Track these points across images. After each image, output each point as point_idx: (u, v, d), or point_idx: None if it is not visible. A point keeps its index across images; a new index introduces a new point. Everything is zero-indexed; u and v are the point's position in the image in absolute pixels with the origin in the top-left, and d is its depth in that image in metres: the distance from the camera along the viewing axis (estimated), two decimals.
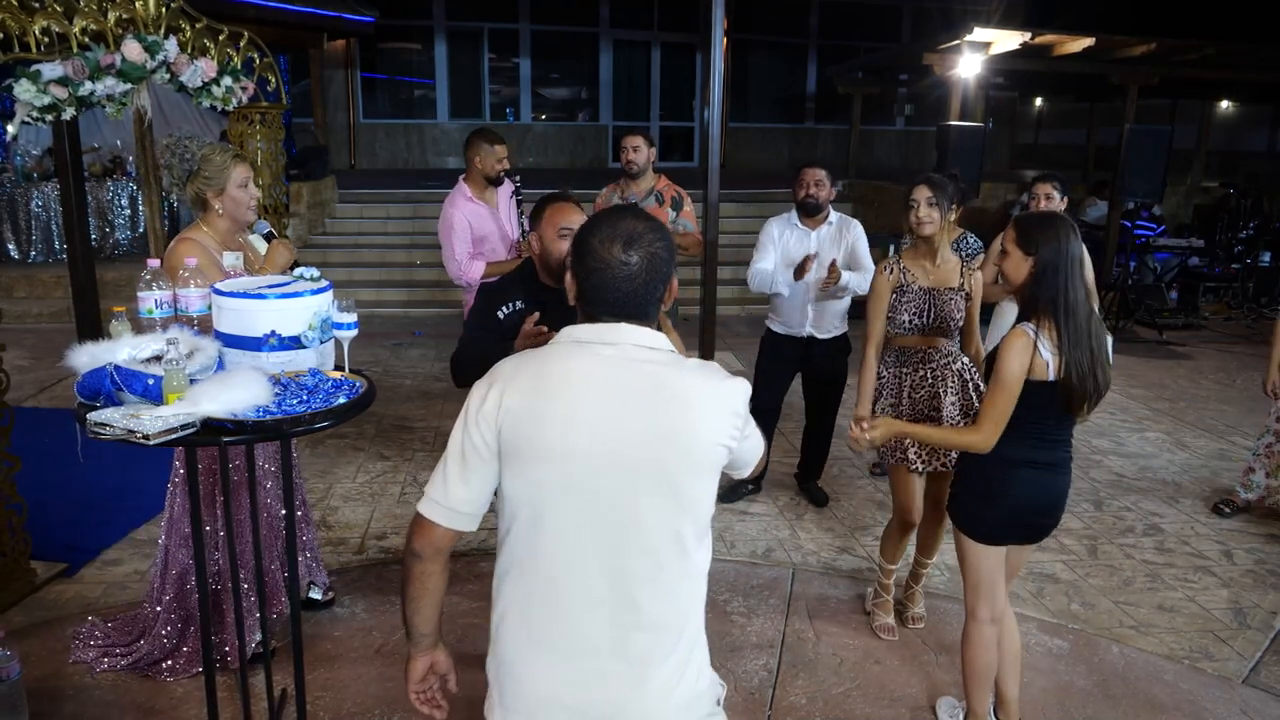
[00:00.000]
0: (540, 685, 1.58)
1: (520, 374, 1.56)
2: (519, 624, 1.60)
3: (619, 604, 1.54)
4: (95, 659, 3.11)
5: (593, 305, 1.59)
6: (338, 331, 2.51)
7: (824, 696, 3.13)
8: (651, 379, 1.54)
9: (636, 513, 1.52)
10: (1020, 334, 2.50)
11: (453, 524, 1.60)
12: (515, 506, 1.57)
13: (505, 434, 1.53)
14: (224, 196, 2.92)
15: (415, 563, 1.64)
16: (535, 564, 1.57)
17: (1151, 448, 5.77)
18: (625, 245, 1.56)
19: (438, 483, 1.60)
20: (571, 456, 1.51)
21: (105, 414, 2.09)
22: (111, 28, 3.43)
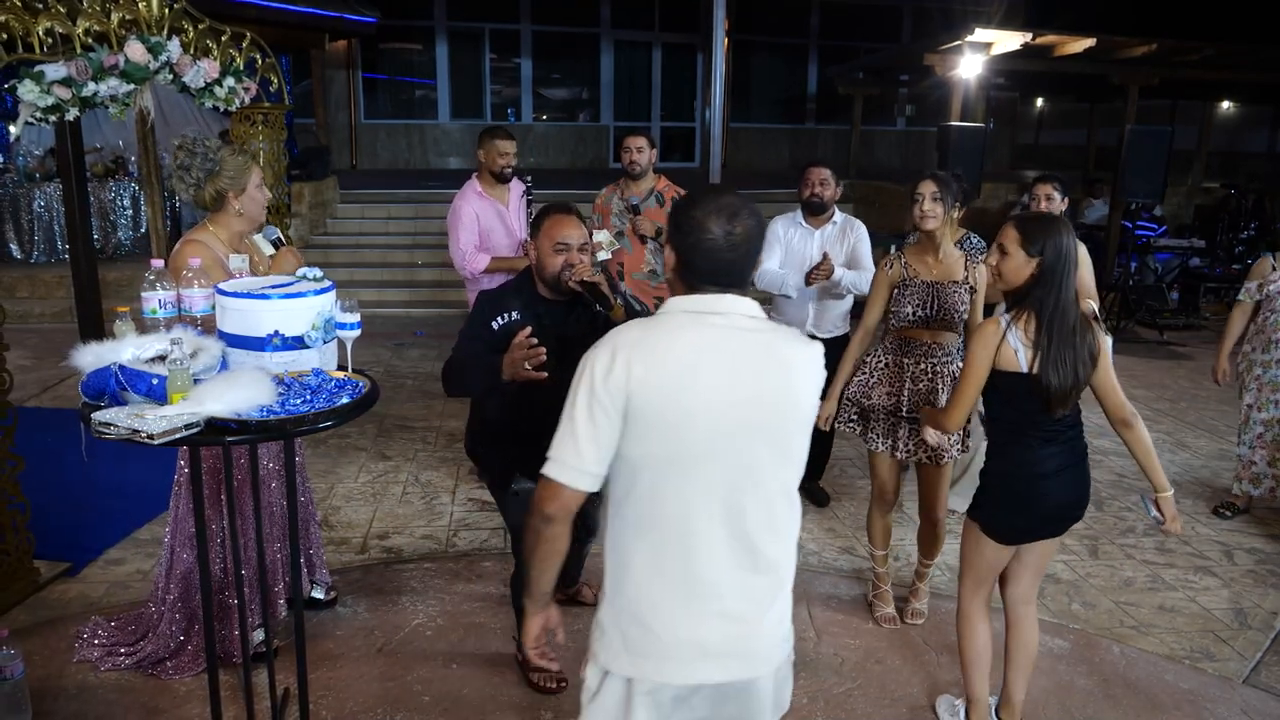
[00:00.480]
0: (673, 629, 1.70)
1: (644, 344, 1.66)
2: (649, 576, 1.71)
3: (741, 551, 1.70)
4: (100, 658, 3.12)
5: (697, 276, 1.72)
6: (341, 331, 2.52)
7: (825, 696, 3.14)
8: (759, 346, 1.69)
9: (753, 468, 1.69)
10: (991, 322, 2.57)
11: (583, 485, 1.68)
12: (637, 468, 1.68)
13: (634, 400, 1.63)
14: (244, 196, 2.95)
15: (547, 527, 1.71)
16: (663, 520, 1.68)
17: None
18: (730, 218, 1.68)
19: (569, 448, 1.67)
20: (694, 420, 1.63)
21: (110, 414, 2.09)
22: (115, 29, 3.44)
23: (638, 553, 1.72)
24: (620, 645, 1.74)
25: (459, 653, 3.32)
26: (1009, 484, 2.66)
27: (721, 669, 1.72)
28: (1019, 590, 2.82)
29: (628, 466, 1.69)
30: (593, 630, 1.81)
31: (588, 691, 1.83)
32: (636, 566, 1.72)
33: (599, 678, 1.79)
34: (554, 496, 1.69)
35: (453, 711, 3.00)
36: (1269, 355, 4.58)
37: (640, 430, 1.65)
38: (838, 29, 16.87)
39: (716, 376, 1.65)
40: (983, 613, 2.81)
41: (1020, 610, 2.83)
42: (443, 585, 3.79)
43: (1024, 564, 2.78)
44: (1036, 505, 2.64)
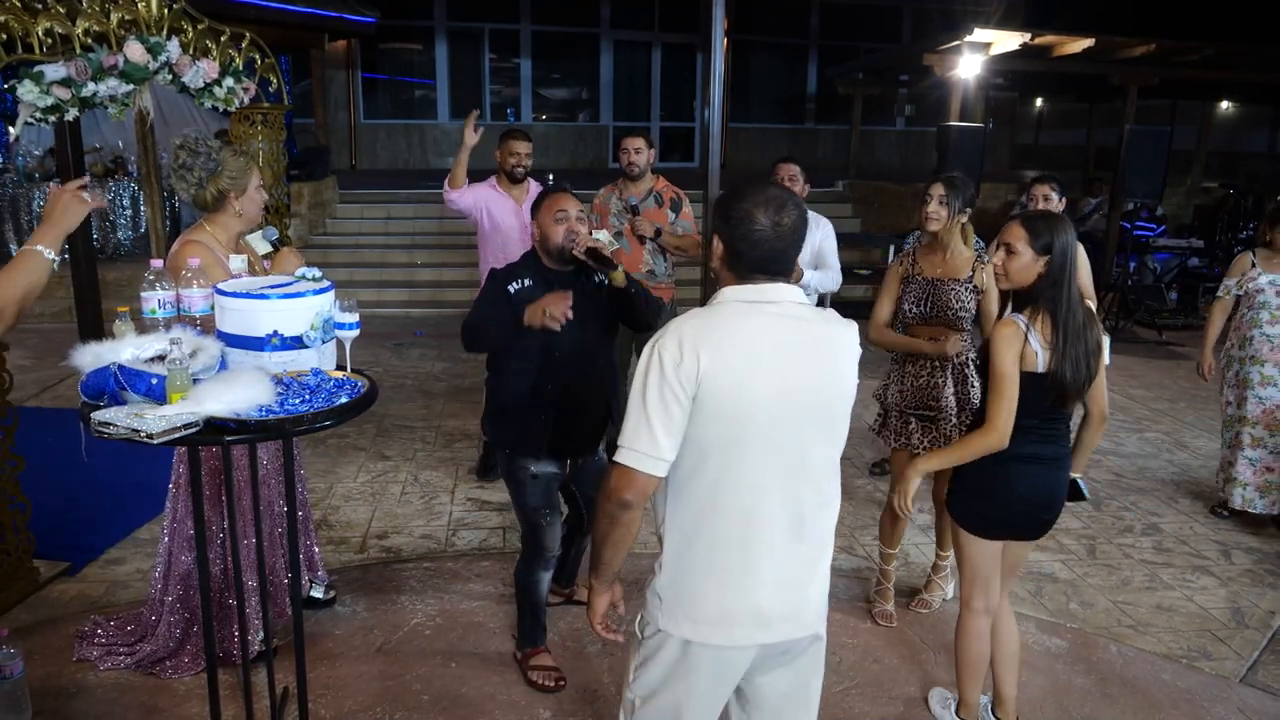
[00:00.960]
0: (733, 597, 1.84)
1: (709, 333, 1.76)
2: (711, 550, 1.83)
3: (793, 525, 1.84)
4: (99, 657, 3.12)
5: (747, 266, 1.82)
6: (340, 331, 2.52)
7: (825, 695, 3.12)
8: (809, 333, 1.82)
9: (808, 448, 1.82)
10: (1010, 324, 2.55)
11: (659, 471, 1.78)
12: (705, 451, 1.78)
13: (704, 389, 1.73)
14: (245, 197, 2.96)
15: (625, 512, 1.82)
16: (727, 499, 1.80)
17: (1151, 448, 5.78)
18: (778, 210, 1.78)
19: (644, 438, 1.76)
20: (757, 405, 1.75)
21: (109, 413, 2.10)
22: (114, 29, 3.45)
23: (702, 530, 1.83)
24: (681, 612, 1.86)
25: (458, 652, 3.33)
26: (979, 471, 2.65)
27: (774, 631, 1.87)
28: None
29: (694, 449, 1.78)
30: (649, 599, 1.92)
31: (641, 657, 1.95)
32: (700, 542, 1.84)
33: (656, 642, 1.91)
34: (631, 484, 1.78)
35: (451, 710, 3.01)
36: (1244, 352, 4.62)
37: (708, 415, 1.75)
38: (837, 29, 16.86)
39: (776, 362, 1.76)
40: (981, 624, 2.80)
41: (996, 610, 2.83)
42: (442, 585, 3.80)
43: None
44: (1002, 492, 2.63)
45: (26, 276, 2.01)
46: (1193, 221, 12.43)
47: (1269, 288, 4.50)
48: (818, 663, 1.99)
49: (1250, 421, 4.59)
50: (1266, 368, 4.54)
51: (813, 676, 2.00)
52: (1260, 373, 4.55)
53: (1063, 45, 9.58)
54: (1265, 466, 4.59)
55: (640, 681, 1.96)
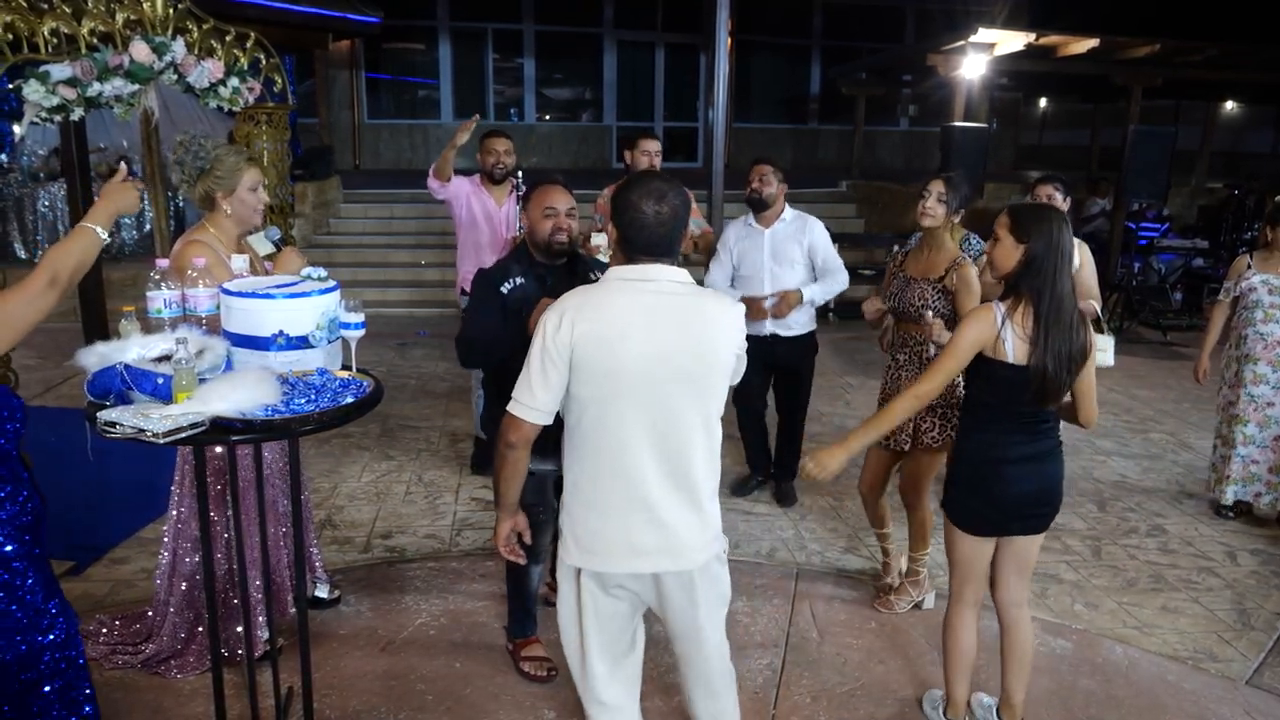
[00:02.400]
0: (610, 530, 2.14)
1: (585, 306, 2.06)
2: (591, 488, 2.15)
3: (664, 471, 2.11)
4: (105, 656, 3.12)
5: (633, 248, 2.10)
6: (345, 331, 2.53)
7: (828, 696, 3.14)
8: (683, 307, 2.08)
9: (675, 405, 2.08)
10: (985, 309, 2.56)
11: (537, 420, 2.12)
12: (583, 405, 2.09)
13: (577, 352, 2.03)
14: (233, 198, 2.92)
15: (510, 453, 2.19)
16: (604, 446, 2.10)
17: (1155, 449, 5.77)
18: (658, 199, 2.06)
19: (525, 391, 2.09)
20: (627, 367, 2.03)
21: (115, 413, 2.10)
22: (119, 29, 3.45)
23: (586, 471, 2.15)
24: (573, 543, 2.19)
25: (462, 651, 3.33)
26: (972, 467, 2.67)
27: (652, 562, 2.16)
28: (1007, 593, 2.79)
29: (576, 403, 2.10)
30: (561, 534, 2.23)
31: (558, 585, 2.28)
32: (585, 482, 2.15)
33: (562, 573, 2.25)
34: (517, 429, 2.14)
35: (456, 710, 3.01)
36: (1239, 351, 4.64)
37: (583, 375, 2.05)
38: (841, 29, 16.85)
39: (646, 332, 2.03)
40: (968, 616, 2.80)
41: (1013, 614, 2.80)
42: (446, 584, 3.80)
43: (1003, 563, 2.76)
44: (996, 490, 2.62)
45: (81, 250, 2.12)
46: (1197, 222, 12.41)
47: (1261, 286, 4.51)
48: (708, 595, 2.23)
49: (1242, 419, 4.61)
50: (1260, 366, 4.55)
51: (706, 598, 2.23)
52: (1254, 370, 4.57)
53: (1066, 45, 9.56)
54: (1252, 460, 4.61)
55: (558, 609, 2.29)
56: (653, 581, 2.19)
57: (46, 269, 2.04)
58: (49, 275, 2.04)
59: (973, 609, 2.80)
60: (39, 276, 2.03)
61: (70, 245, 2.12)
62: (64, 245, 2.12)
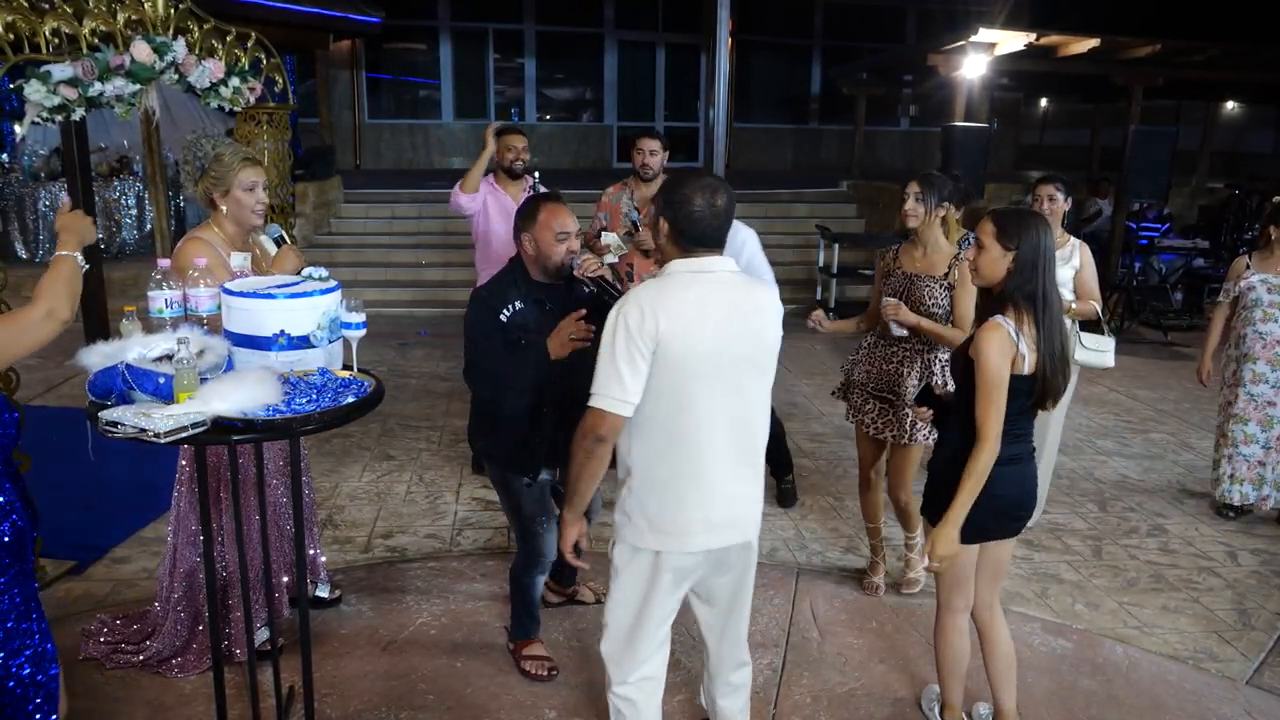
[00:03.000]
0: (687, 511, 2.24)
1: (663, 298, 2.16)
2: (666, 472, 2.23)
3: (734, 449, 2.27)
4: (106, 655, 3.13)
5: (689, 240, 2.22)
6: (346, 331, 2.53)
7: (828, 695, 3.14)
8: (740, 294, 2.24)
9: (743, 387, 2.25)
10: (998, 327, 2.46)
11: (626, 412, 2.17)
12: (659, 393, 2.17)
13: (661, 343, 2.13)
14: (228, 198, 2.90)
15: (599, 447, 2.20)
16: (678, 429, 2.20)
17: (1156, 449, 5.77)
18: (712, 193, 2.20)
19: (614, 384, 2.15)
20: (704, 353, 2.16)
21: (116, 412, 2.11)
22: (121, 29, 3.45)
23: (659, 456, 2.23)
24: (647, 527, 2.26)
25: (463, 651, 3.33)
26: (952, 471, 2.57)
27: (723, 537, 2.31)
28: (980, 597, 2.76)
29: (651, 394, 2.17)
30: (618, 520, 2.32)
31: (615, 568, 2.36)
32: (659, 467, 2.23)
33: (628, 555, 2.32)
34: (607, 423, 2.17)
35: (456, 710, 3.01)
36: (1238, 350, 4.65)
37: (665, 364, 2.14)
38: (841, 29, 16.85)
39: (716, 319, 2.17)
40: (959, 622, 2.79)
41: (985, 617, 2.78)
42: (446, 584, 3.80)
43: (979, 569, 2.73)
44: (984, 498, 2.55)
45: (67, 279, 2.12)
46: (1198, 222, 12.41)
47: (1260, 285, 4.51)
48: (751, 563, 2.45)
49: (1242, 419, 4.62)
50: (1259, 365, 4.56)
51: (746, 574, 2.45)
52: (1252, 370, 4.57)
53: (1067, 45, 9.56)
54: (1258, 461, 4.61)
55: (615, 591, 2.36)
56: (717, 556, 2.33)
57: (44, 301, 2.03)
58: (46, 307, 2.02)
59: (963, 615, 2.79)
60: (37, 308, 2.02)
61: (55, 275, 2.11)
62: (51, 276, 2.11)
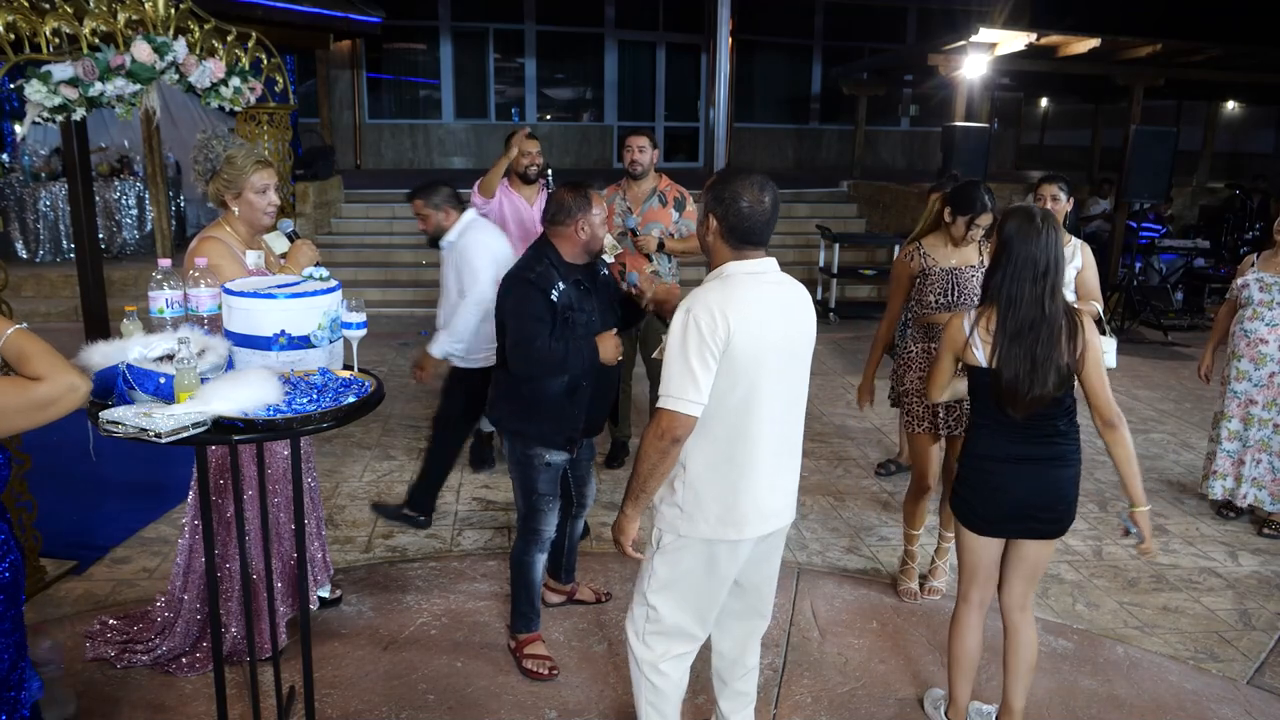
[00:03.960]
0: (747, 500, 2.34)
1: (731, 300, 2.22)
2: (727, 465, 2.31)
3: (786, 440, 2.40)
4: (115, 656, 3.13)
5: (738, 238, 2.28)
6: (346, 331, 2.53)
7: (829, 695, 3.14)
8: (789, 295, 2.35)
9: (795, 381, 2.37)
10: (957, 316, 2.68)
11: (699, 413, 2.23)
12: (725, 391, 2.24)
13: (733, 343, 2.20)
14: (240, 199, 2.91)
15: (675, 448, 2.26)
16: (741, 424, 2.28)
17: (1157, 449, 5.77)
18: (760, 189, 2.25)
19: (689, 387, 2.20)
20: (767, 351, 2.25)
21: (117, 412, 2.10)
22: (121, 29, 3.45)
23: (725, 453, 2.30)
24: (702, 519, 2.34)
25: (463, 651, 3.33)
26: (975, 469, 2.69)
27: (770, 524, 2.41)
28: (1011, 597, 2.78)
29: (717, 392, 2.23)
30: (667, 514, 2.38)
31: (663, 560, 2.42)
32: (721, 460, 2.31)
33: (678, 546, 2.39)
34: (683, 424, 2.23)
35: (457, 709, 3.01)
36: (1229, 348, 4.67)
37: (733, 362, 2.21)
38: (842, 29, 16.85)
39: (776, 319, 2.27)
40: (973, 617, 2.80)
41: (1015, 617, 2.79)
42: (447, 584, 3.80)
43: (1011, 567, 2.75)
44: (997, 494, 2.63)
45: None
46: (1198, 222, 12.41)
47: (1254, 284, 4.52)
48: (782, 543, 2.58)
49: (1226, 416, 4.64)
50: (1242, 362, 4.57)
51: (777, 559, 2.59)
52: (1237, 367, 4.59)
53: (1068, 45, 9.56)
54: (1239, 459, 4.62)
55: (659, 579, 2.43)
56: (765, 540, 2.44)
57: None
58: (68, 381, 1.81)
59: (978, 610, 2.80)
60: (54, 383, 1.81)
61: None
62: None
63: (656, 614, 2.47)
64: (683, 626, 2.47)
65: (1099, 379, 2.60)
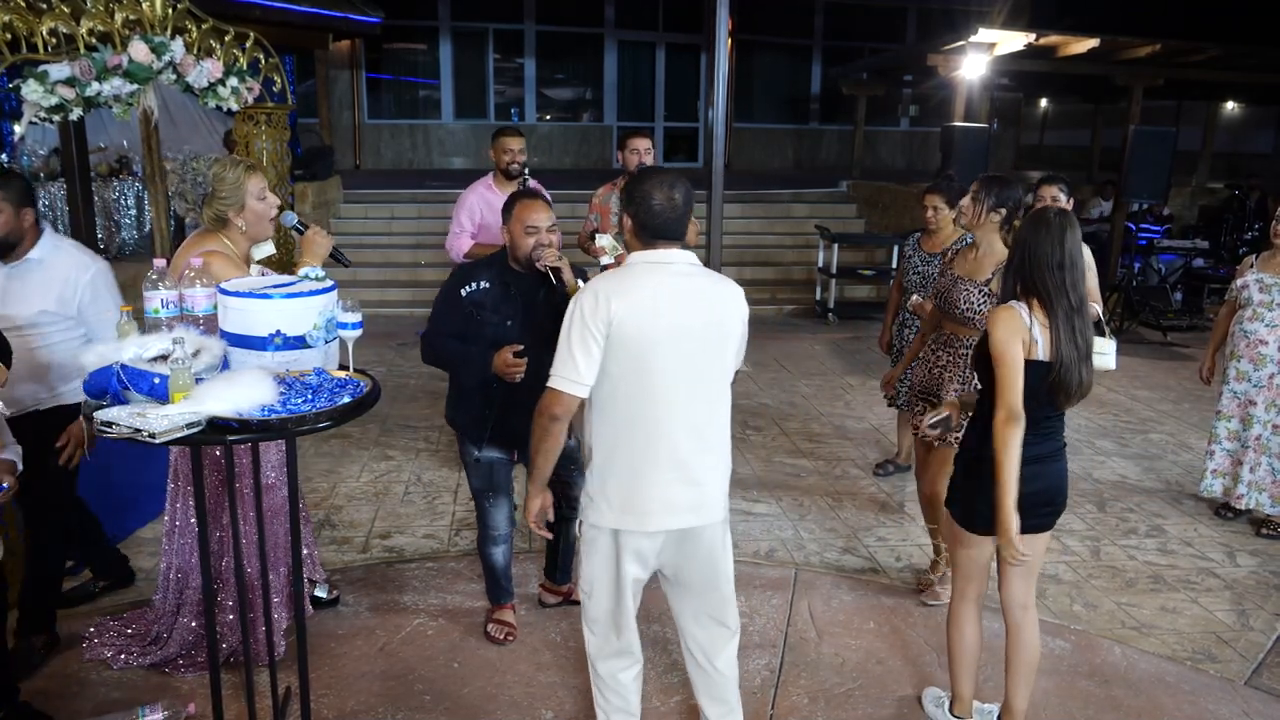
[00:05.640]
0: (647, 491, 2.35)
1: (619, 288, 2.27)
2: (627, 454, 2.35)
3: (694, 433, 2.36)
4: (113, 656, 3.12)
5: (651, 234, 2.33)
6: (342, 331, 2.52)
7: (826, 696, 3.14)
8: (700, 286, 2.35)
9: (700, 373, 2.34)
10: (1009, 308, 2.54)
11: (579, 392, 2.31)
12: (617, 378, 2.30)
13: (614, 328, 2.25)
14: (245, 212, 2.89)
15: (554, 424, 2.34)
16: (638, 413, 2.32)
17: (1155, 449, 5.76)
18: (670, 188, 2.31)
19: (569, 366, 2.28)
20: (660, 340, 2.27)
21: (112, 412, 2.10)
22: (119, 29, 3.45)
23: (621, 439, 2.35)
24: (606, 507, 2.38)
25: (460, 651, 3.33)
26: (979, 468, 2.62)
27: (683, 519, 2.39)
28: (1013, 594, 2.77)
29: (609, 377, 2.30)
30: (583, 501, 2.45)
31: (583, 549, 2.49)
32: (620, 449, 2.35)
33: (592, 535, 2.44)
34: (561, 403, 2.31)
35: (454, 710, 3.01)
36: (1228, 348, 4.67)
37: (620, 349, 2.26)
38: (841, 29, 16.86)
39: (670, 308, 2.27)
40: (971, 613, 2.81)
41: (1017, 615, 2.78)
42: (444, 584, 3.80)
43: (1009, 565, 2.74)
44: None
45: None
46: (1198, 222, 12.41)
47: (1254, 284, 4.51)
48: (728, 545, 2.52)
49: (1225, 415, 4.65)
50: (1242, 363, 4.57)
51: (725, 551, 2.52)
52: (1236, 368, 4.59)
53: (1067, 46, 9.57)
54: (1236, 459, 4.63)
55: (584, 571, 2.49)
56: (680, 537, 2.42)
57: None
58: None
59: (976, 605, 2.82)
60: None
61: None
62: None
63: (586, 605, 2.53)
64: (602, 622, 2.51)
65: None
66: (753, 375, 7.10)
